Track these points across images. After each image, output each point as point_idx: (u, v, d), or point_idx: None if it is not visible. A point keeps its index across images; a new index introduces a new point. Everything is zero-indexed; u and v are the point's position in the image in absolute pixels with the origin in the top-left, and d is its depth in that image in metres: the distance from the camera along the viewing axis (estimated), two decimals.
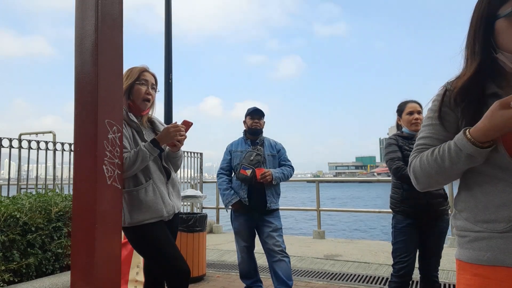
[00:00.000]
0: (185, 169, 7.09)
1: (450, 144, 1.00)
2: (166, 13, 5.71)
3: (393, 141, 2.61)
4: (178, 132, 2.06)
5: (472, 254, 0.99)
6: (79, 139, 1.73)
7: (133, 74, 2.15)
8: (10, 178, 4.35)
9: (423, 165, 1.05)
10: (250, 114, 3.35)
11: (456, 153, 0.97)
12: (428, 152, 1.06)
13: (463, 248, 1.02)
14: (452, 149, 0.98)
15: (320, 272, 4.23)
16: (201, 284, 3.88)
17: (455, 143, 0.98)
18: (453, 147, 0.98)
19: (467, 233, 1.02)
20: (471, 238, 1.00)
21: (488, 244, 0.96)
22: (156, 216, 2.05)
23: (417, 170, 1.08)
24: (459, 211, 1.06)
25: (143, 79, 2.16)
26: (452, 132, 1.06)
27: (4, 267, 2.57)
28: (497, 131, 0.91)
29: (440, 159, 1.01)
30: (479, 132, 0.93)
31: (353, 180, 56.79)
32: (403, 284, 2.48)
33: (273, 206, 3.22)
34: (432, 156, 1.03)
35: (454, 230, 1.07)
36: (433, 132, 1.10)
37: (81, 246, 1.68)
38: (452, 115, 1.09)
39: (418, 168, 1.07)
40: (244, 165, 3.19)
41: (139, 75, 2.16)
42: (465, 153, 0.96)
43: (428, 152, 1.06)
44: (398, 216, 2.55)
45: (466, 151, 0.95)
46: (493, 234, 0.96)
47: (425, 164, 1.05)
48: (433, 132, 1.10)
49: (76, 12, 1.76)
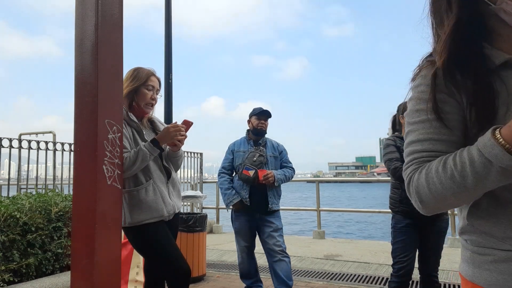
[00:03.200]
0: (185, 169, 7.09)
1: (472, 153, 0.68)
2: (166, 13, 5.71)
3: (391, 142, 2.62)
4: (178, 131, 2.06)
5: (497, 279, 0.73)
6: (79, 139, 1.73)
7: (141, 77, 2.14)
8: (10, 178, 4.35)
9: (433, 184, 0.72)
10: (257, 115, 3.33)
11: (484, 167, 0.65)
12: (437, 166, 0.72)
13: (482, 268, 0.76)
14: (477, 161, 0.66)
15: (320, 272, 4.23)
16: (201, 284, 3.88)
17: (479, 152, 0.66)
18: (477, 158, 0.66)
19: (489, 250, 0.75)
20: (495, 258, 0.74)
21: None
22: (156, 216, 2.05)
23: (423, 191, 0.74)
24: (473, 223, 0.78)
25: (150, 85, 2.16)
26: (457, 130, 0.77)
27: (4, 267, 2.57)
28: None
29: (459, 176, 0.68)
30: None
31: (353, 180, 56.81)
32: (403, 284, 2.48)
33: (275, 207, 3.22)
34: (446, 172, 0.70)
35: (466, 244, 0.82)
36: (431, 132, 0.77)
37: (81, 246, 1.68)
38: (452, 103, 0.77)
39: (424, 189, 0.74)
40: (246, 166, 3.19)
41: (146, 79, 2.15)
42: (497, 166, 0.64)
43: (438, 166, 0.72)
44: (398, 216, 2.55)
45: (499, 164, 0.63)
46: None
47: (436, 184, 0.72)
48: (431, 132, 0.77)
49: (76, 12, 1.76)
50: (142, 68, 2.19)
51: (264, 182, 3.12)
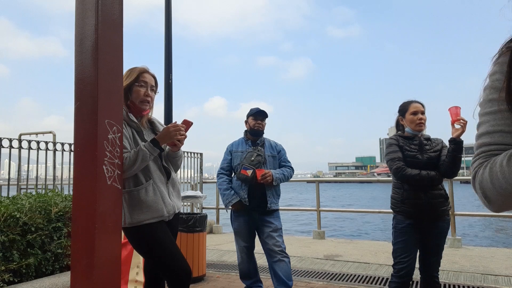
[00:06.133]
0: (185, 169, 7.09)
1: None
2: (166, 13, 5.71)
3: (393, 141, 2.61)
4: (178, 131, 2.06)
5: None
6: (79, 139, 1.73)
7: (132, 75, 2.15)
8: (10, 178, 4.35)
9: (496, 179, 0.67)
10: (254, 115, 3.34)
11: None
12: (502, 159, 0.67)
13: None
14: None
15: (320, 272, 4.23)
16: (201, 284, 3.88)
17: None
18: None
19: None
20: None
21: None
22: (156, 216, 2.05)
23: (487, 186, 0.70)
24: None
25: (143, 81, 2.15)
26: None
27: (4, 267, 2.57)
28: None
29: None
30: None
31: (353, 180, 56.79)
32: (403, 285, 2.48)
33: (274, 207, 3.22)
34: (510, 166, 0.65)
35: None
36: (502, 124, 0.72)
37: (81, 246, 1.67)
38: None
39: (488, 184, 0.69)
40: (245, 165, 3.19)
41: (138, 76, 2.15)
42: None
43: (503, 160, 0.67)
44: (399, 216, 2.55)
45: None
46: None
47: (499, 178, 0.67)
48: (502, 124, 0.72)
49: (76, 12, 1.76)
50: (135, 67, 2.19)
51: (262, 181, 3.12)
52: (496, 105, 0.72)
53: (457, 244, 5.49)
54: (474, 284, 3.67)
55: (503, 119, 0.72)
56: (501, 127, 0.72)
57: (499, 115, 0.72)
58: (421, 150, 2.54)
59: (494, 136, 0.72)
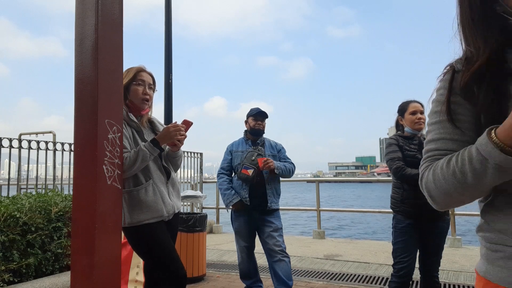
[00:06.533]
0: (185, 169, 7.09)
1: (472, 151, 0.72)
2: (166, 13, 5.71)
3: (393, 141, 2.61)
4: (178, 131, 2.06)
5: (508, 275, 0.75)
6: (79, 139, 1.73)
7: (129, 74, 2.15)
8: (10, 178, 4.35)
9: (438, 181, 0.78)
10: (254, 116, 3.34)
11: (481, 164, 0.70)
12: (442, 163, 0.78)
13: (494, 265, 0.78)
14: (475, 158, 0.71)
15: (320, 272, 4.23)
16: (201, 284, 3.88)
17: (477, 150, 0.71)
18: (475, 155, 0.71)
19: (501, 247, 0.77)
20: (507, 254, 0.76)
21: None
22: (156, 216, 2.05)
23: (431, 186, 0.80)
24: (487, 220, 0.82)
25: (140, 80, 2.15)
26: (470, 131, 0.81)
27: (4, 267, 2.57)
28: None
29: (460, 173, 0.73)
30: (508, 131, 0.66)
31: (353, 180, 56.82)
32: (403, 284, 2.48)
33: (274, 206, 3.22)
34: (449, 169, 0.75)
35: (481, 241, 0.84)
36: (444, 132, 0.83)
37: (81, 246, 1.67)
38: (467, 106, 0.81)
39: (432, 185, 0.80)
40: (245, 165, 3.19)
41: (135, 75, 2.15)
42: (492, 163, 0.68)
43: (443, 163, 0.78)
44: (399, 216, 2.55)
45: (493, 161, 0.68)
46: None
47: (441, 180, 0.77)
48: (444, 132, 0.83)
49: (76, 12, 1.76)
50: (132, 67, 2.19)
51: (264, 168, 3.11)
52: (439, 116, 0.84)
53: (457, 244, 5.49)
54: (474, 284, 3.67)
55: (445, 128, 0.83)
56: (443, 135, 0.83)
57: (441, 126, 0.83)
58: (420, 149, 2.54)
59: (437, 143, 0.83)
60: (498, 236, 0.78)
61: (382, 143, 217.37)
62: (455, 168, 0.75)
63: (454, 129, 0.82)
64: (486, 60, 0.79)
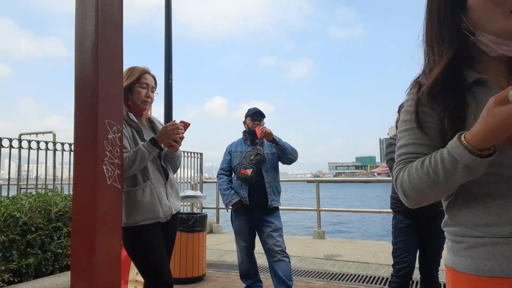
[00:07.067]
0: (185, 169, 7.09)
1: (443, 153, 0.83)
2: (166, 13, 5.71)
3: (393, 142, 2.61)
4: (176, 129, 2.05)
5: (470, 263, 0.84)
6: (79, 139, 1.73)
7: (134, 75, 2.13)
8: (10, 178, 4.35)
9: (413, 180, 0.87)
10: (251, 116, 3.35)
11: (452, 164, 0.80)
12: (417, 164, 0.88)
13: (459, 255, 0.87)
14: (446, 160, 0.81)
15: (320, 272, 4.23)
16: (201, 284, 3.88)
17: (448, 152, 0.81)
18: (446, 157, 0.81)
19: (463, 238, 0.87)
20: (468, 245, 0.85)
21: (490, 251, 0.82)
22: (152, 217, 2.03)
23: (406, 186, 0.89)
24: (451, 215, 0.92)
25: (144, 82, 2.15)
26: (437, 137, 0.92)
27: (4, 267, 2.57)
28: (497, 135, 0.75)
29: (433, 172, 0.83)
30: (476, 136, 0.76)
31: (353, 180, 56.82)
32: (403, 284, 2.48)
33: (274, 204, 3.22)
34: (423, 169, 0.85)
35: (447, 235, 0.93)
36: (414, 138, 0.93)
37: (81, 246, 1.67)
38: (433, 115, 0.92)
39: (407, 184, 0.89)
40: (244, 165, 3.19)
41: (139, 76, 2.14)
42: (462, 164, 0.79)
43: (417, 164, 0.87)
44: (399, 216, 2.55)
45: (463, 162, 0.78)
46: (496, 239, 0.81)
47: (415, 179, 0.87)
48: (414, 138, 0.93)
49: (76, 12, 1.76)
50: (136, 67, 2.18)
51: (262, 135, 3.10)
52: (409, 124, 0.94)
53: None
54: None
55: (415, 134, 0.93)
56: (414, 140, 0.93)
57: (412, 131, 0.93)
58: None
59: (409, 147, 0.93)
60: (461, 229, 0.88)
61: (382, 143, 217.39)
62: (428, 168, 0.84)
63: (423, 135, 0.92)
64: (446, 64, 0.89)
